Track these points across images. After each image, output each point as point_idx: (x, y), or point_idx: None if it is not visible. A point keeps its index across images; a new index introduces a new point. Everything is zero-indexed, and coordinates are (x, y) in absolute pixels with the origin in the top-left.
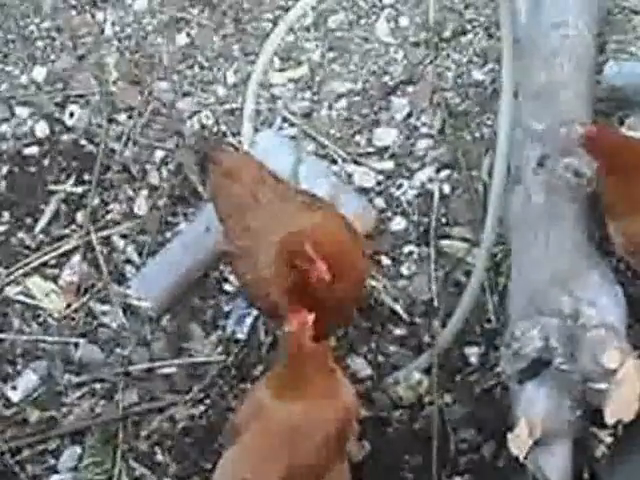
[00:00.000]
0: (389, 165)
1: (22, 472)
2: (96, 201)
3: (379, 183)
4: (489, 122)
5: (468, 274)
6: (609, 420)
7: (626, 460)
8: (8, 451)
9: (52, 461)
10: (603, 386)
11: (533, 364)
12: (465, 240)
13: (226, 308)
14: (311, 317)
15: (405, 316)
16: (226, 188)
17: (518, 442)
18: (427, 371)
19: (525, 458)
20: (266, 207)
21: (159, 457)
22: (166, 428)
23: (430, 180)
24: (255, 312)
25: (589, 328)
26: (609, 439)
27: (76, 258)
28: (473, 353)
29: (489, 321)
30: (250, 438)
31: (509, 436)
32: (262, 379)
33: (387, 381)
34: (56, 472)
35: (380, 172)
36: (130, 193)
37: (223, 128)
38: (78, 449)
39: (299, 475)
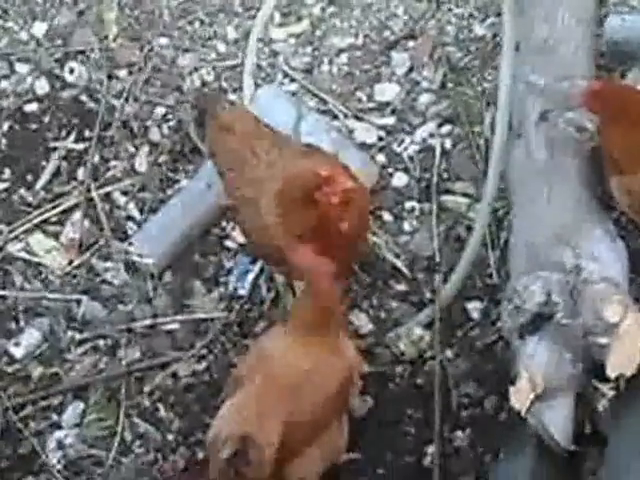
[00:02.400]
0: (390, 120)
1: (25, 428)
2: (97, 158)
3: (380, 139)
4: (490, 77)
5: (469, 229)
6: (611, 374)
7: (628, 414)
8: (11, 407)
9: (55, 417)
10: (605, 340)
11: (535, 319)
12: (467, 195)
13: (228, 265)
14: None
15: (407, 272)
16: (224, 142)
17: (520, 396)
18: (429, 326)
19: (527, 412)
20: (264, 158)
21: (162, 413)
22: (169, 384)
23: (431, 135)
24: (257, 268)
25: (591, 282)
26: (611, 393)
27: (77, 215)
28: (474, 308)
29: (490, 276)
30: (251, 392)
31: (511, 390)
32: (265, 333)
33: (389, 336)
34: (59, 428)
35: (381, 128)
36: (131, 150)
37: (224, 84)
38: (81, 405)
39: (299, 430)
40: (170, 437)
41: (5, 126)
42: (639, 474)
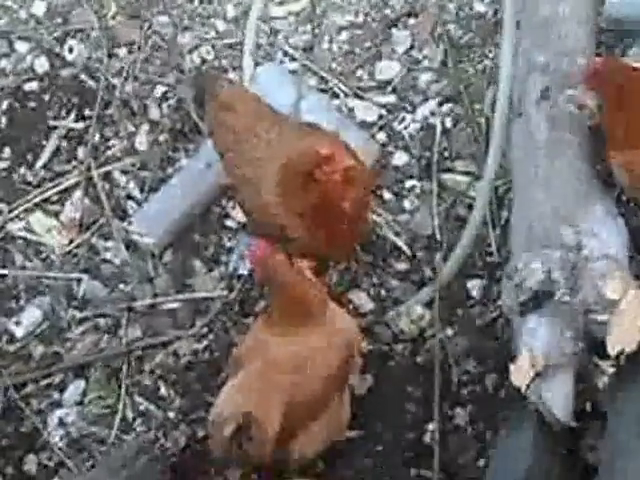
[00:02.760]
0: (391, 99)
1: (27, 407)
2: (97, 137)
3: (381, 117)
4: (491, 54)
5: (470, 208)
6: (611, 351)
7: (628, 391)
8: (13, 386)
9: (56, 395)
10: (605, 317)
11: (535, 296)
12: (467, 174)
13: (228, 244)
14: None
15: (407, 250)
16: (224, 121)
17: (520, 374)
18: (429, 304)
19: (527, 389)
20: (264, 137)
21: (163, 391)
22: (170, 363)
23: (432, 114)
24: None
25: (591, 260)
26: (611, 370)
27: (77, 194)
28: (475, 286)
29: (491, 254)
30: (252, 371)
31: (511, 368)
32: (263, 313)
33: (389, 315)
34: (61, 406)
35: (382, 106)
36: (131, 129)
37: (223, 62)
38: (82, 383)
39: (301, 408)
40: (171, 415)
41: (5, 105)
42: (638, 450)
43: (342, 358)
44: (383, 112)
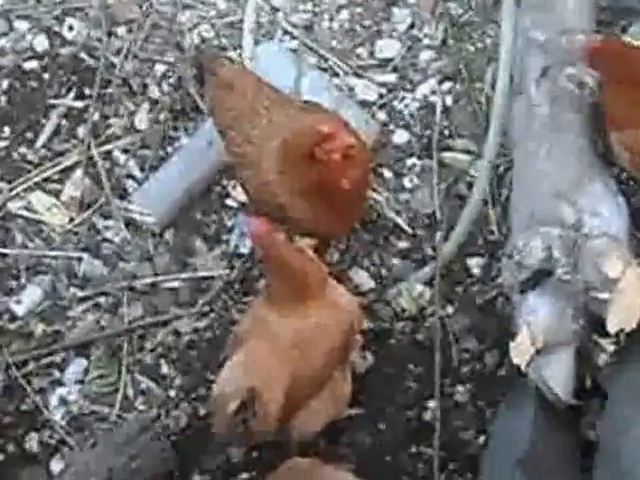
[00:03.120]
0: (391, 77)
1: (28, 385)
2: (97, 115)
3: (381, 96)
4: (491, 33)
5: (470, 186)
6: (611, 329)
7: (628, 368)
8: (14, 364)
9: (58, 374)
10: (605, 295)
11: (535, 274)
12: (468, 152)
13: (229, 223)
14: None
15: (407, 229)
16: (224, 100)
17: (520, 351)
18: (429, 283)
19: (527, 367)
20: (264, 115)
21: (164, 370)
22: (171, 341)
23: (433, 92)
24: None
25: (591, 238)
26: (611, 348)
27: (78, 173)
28: (475, 264)
29: (491, 232)
30: (253, 348)
31: (511, 345)
32: (262, 291)
33: (390, 293)
34: (62, 385)
35: (382, 85)
36: (131, 107)
37: (223, 41)
38: (84, 362)
39: (302, 383)
40: (172, 393)
41: (5, 84)
42: (638, 427)
43: (342, 335)
44: (383, 90)
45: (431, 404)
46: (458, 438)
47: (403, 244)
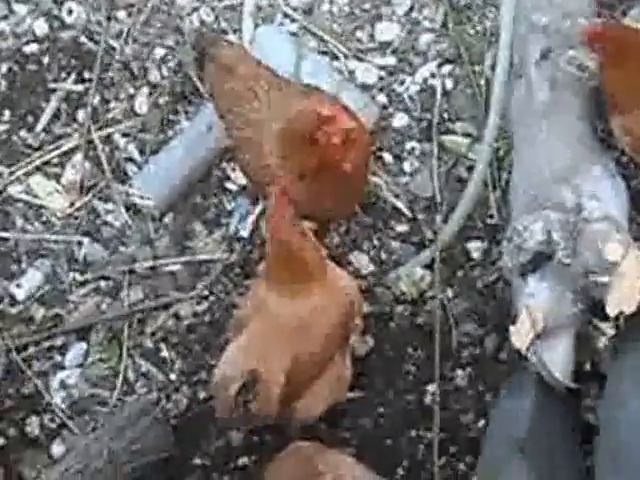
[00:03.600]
0: (391, 61)
1: (29, 369)
2: (97, 99)
3: (381, 79)
4: (492, 15)
5: (470, 169)
6: (611, 312)
7: (628, 351)
8: (15, 348)
9: (58, 358)
10: (605, 279)
11: (535, 258)
12: (467, 135)
13: (229, 206)
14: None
15: (407, 212)
16: (224, 83)
17: (520, 335)
18: (429, 266)
19: (527, 350)
20: (264, 98)
21: (164, 353)
22: (171, 325)
23: (432, 75)
24: (257, 210)
25: (591, 221)
26: (611, 331)
27: (78, 157)
28: (475, 248)
29: (491, 216)
30: (254, 331)
31: (511, 329)
32: (262, 272)
33: (390, 277)
34: (63, 368)
35: (382, 68)
36: (131, 91)
37: (223, 25)
38: (84, 346)
39: (303, 366)
40: (172, 377)
41: (4, 67)
42: (637, 410)
43: (342, 317)
44: (383, 74)
45: (431, 388)
46: (458, 421)
47: (403, 227)
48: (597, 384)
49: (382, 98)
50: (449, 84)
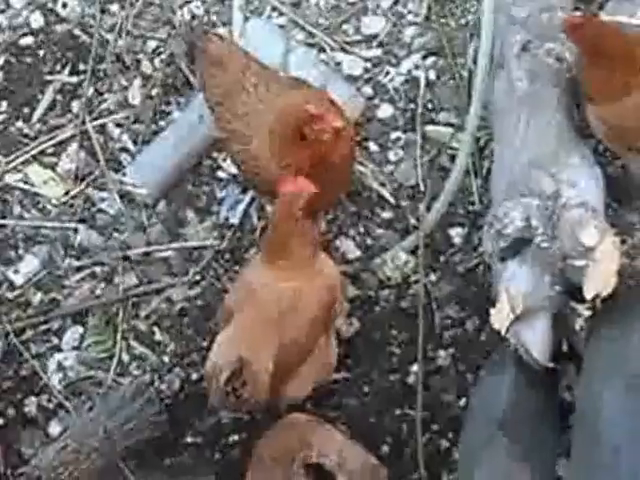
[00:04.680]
0: (376, 53)
1: (27, 351)
2: (91, 91)
3: (367, 71)
4: (473, 9)
5: (453, 159)
6: (587, 295)
7: (603, 333)
8: (13, 332)
9: (55, 340)
10: (582, 263)
11: (515, 243)
12: (450, 125)
13: (220, 194)
14: (308, 188)
15: (392, 200)
16: (214, 76)
17: (500, 317)
18: (413, 252)
19: (506, 332)
20: (253, 91)
21: (158, 336)
22: (164, 309)
23: (416, 67)
24: (248, 198)
25: (569, 208)
26: (587, 313)
27: (73, 146)
28: (457, 234)
29: (473, 203)
30: (243, 319)
31: (491, 312)
32: (251, 261)
33: (375, 262)
34: (59, 351)
35: (368, 60)
36: (124, 83)
37: (213, 18)
38: (80, 329)
39: (290, 352)
40: (165, 359)
41: (1, 60)
42: (612, 389)
43: (325, 299)
44: (368, 66)
45: (414, 368)
46: (440, 400)
47: (388, 214)
48: (574, 364)
49: (367, 89)
50: (432, 75)
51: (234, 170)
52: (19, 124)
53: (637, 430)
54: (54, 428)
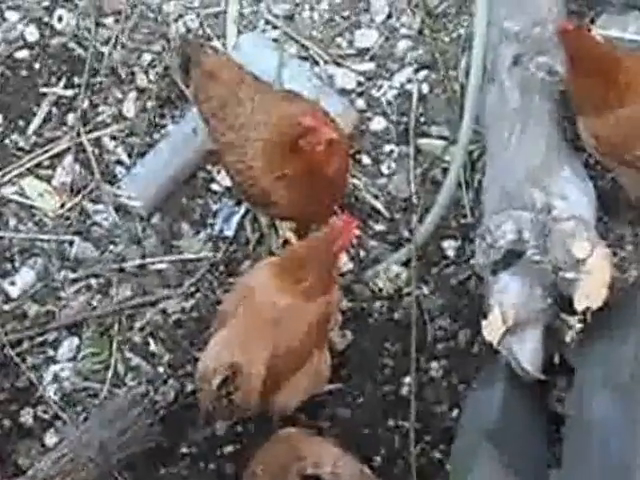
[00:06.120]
0: (369, 66)
1: (23, 363)
2: (86, 103)
3: (360, 84)
4: (466, 23)
5: (445, 171)
6: (578, 307)
7: (594, 344)
8: (9, 343)
9: (51, 352)
10: (573, 275)
11: (506, 256)
12: (443, 138)
13: (214, 207)
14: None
15: (385, 212)
16: (208, 89)
17: (492, 329)
18: (406, 264)
19: (498, 344)
20: (247, 104)
21: (152, 347)
22: (159, 320)
23: (409, 81)
24: (242, 210)
25: (560, 221)
26: (578, 325)
27: (68, 159)
28: (449, 247)
29: (465, 216)
30: (237, 325)
31: (483, 324)
32: (250, 270)
33: (368, 274)
34: (55, 362)
35: (361, 73)
36: (119, 96)
37: (208, 31)
38: (76, 340)
39: (283, 360)
40: (160, 370)
41: None
42: (603, 401)
43: (321, 312)
44: (362, 79)
45: (407, 379)
46: (432, 412)
47: (380, 227)
48: (565, 376)
49: (361, 102)
50: (425, 89)
51: (228, 182)
52: (14, 137)
53: (629, 437)
54: (50, 439)
